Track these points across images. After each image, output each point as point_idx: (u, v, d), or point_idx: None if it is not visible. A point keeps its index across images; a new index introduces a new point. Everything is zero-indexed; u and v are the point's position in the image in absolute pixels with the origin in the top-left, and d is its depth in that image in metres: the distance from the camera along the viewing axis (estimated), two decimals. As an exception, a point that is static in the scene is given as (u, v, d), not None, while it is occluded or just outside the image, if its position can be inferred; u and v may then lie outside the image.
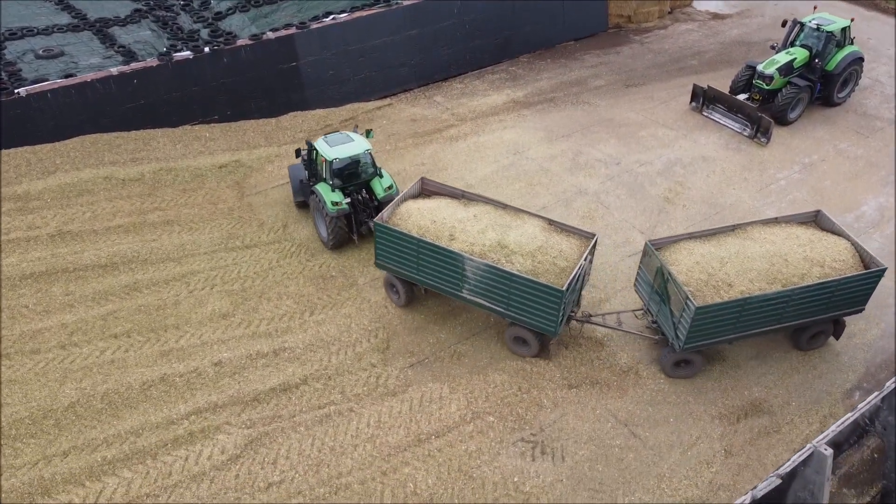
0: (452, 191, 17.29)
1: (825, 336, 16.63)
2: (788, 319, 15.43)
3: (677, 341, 15.07)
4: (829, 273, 15.23)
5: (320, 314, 17.33)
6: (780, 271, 15.14)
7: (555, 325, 15.06)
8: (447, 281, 15.94)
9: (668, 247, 15.92)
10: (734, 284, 14.87)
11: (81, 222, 19.45)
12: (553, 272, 15.10)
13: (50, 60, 23.74)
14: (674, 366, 15.88)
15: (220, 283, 17.97)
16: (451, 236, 15.76)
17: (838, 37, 24.73)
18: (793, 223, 16.66)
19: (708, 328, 14.79)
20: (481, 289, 15.54)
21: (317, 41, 25.19)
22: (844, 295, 15.41)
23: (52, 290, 17.34)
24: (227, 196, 21.29)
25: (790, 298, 14.90)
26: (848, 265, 15.51)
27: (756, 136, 24.09)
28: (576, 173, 22.63)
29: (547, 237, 15.79)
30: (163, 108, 23.18)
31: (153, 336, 16.32)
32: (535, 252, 15.34)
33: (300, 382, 15.47)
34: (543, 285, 14.61)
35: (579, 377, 15.95)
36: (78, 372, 15.28)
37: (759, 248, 15.59)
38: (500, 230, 15.82)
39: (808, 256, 15.45)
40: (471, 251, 15.40)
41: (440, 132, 24.71)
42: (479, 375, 15.94)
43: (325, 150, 18.41)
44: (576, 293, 15.93)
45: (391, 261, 16.52)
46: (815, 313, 15.55)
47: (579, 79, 28.41)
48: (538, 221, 16.29)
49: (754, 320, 15.07)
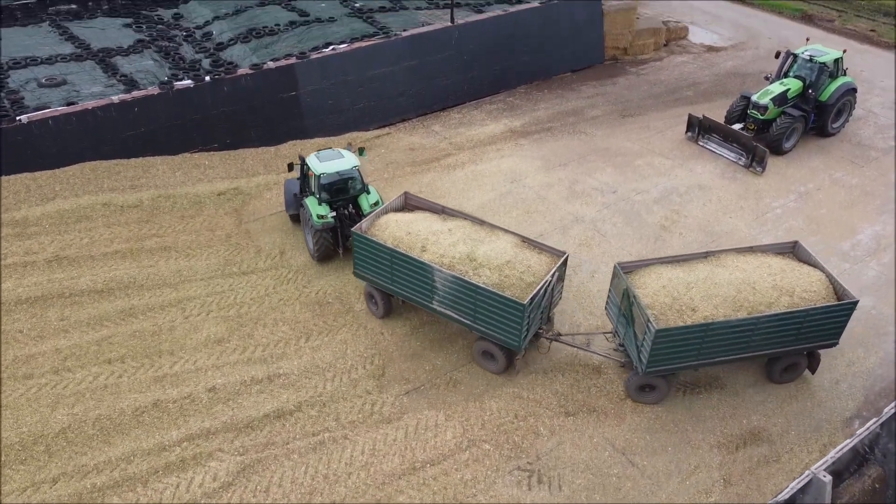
0: (433, 206, 17.74)
1: (799, 369, 16.30)
2: (756, 349, 15.21)
3: (640, 364, 15.00)
4: (798, 303, 15.00)
5: (316, 340, 17.24)
6: (747, 298, 14.97)
7: (518, 340, 15.13)
8: (419, 292, 16.20)
9: (638, 270, 15.94)
10: (698, 309, 14.74)
11: (79, 248, 19.47)
12: (519, 287, 15.21)
13: (52, 89, 24.00)
14: (638, 390, 15.75)
15: (216, 309, 17.92)
16: (423, 248, 16.05)
17: (831, 68, 25.06)
18: (769, 253, 16.49)
19: (671, 352, 14.66)
20: (450, 300, 15.77)
21: (317, 71, 25.50)
22: (815, 327, 15.11)
23: (47, 314, 17.29)
24: (225, 223, 21.34)
25: (756, 326, 14.70)
26: (819, 296, 15.21)
27: (752, 165, 24.26)
28: (572, 201, 22.72)
29: (517, 253, 15.95)
30: (163, 136, 23.38)
31: (147, 361, 16.22)
32: (503, 266, 15.50)
33: (294, 409, 15.33)
34: (506, 299, 14.75)
35: (576, 404, 15.82)
36: (70, 397, 15.15)
37: (728, 274, 15.46)
38: (471, 244, 16.09)
39: (777, 285, 15.26)
40: (440, 262, 15.67)
41: (438, 161, 24.88)
42: (475, 402, 15.81)
43: (315, 164, 18.89)
44: (543, 310, 15.91)
45: (368, 270, 16.91)
46: (784, 344, 15.30)
47: (576, 109, 28.70)
48: (511, 238, 16.51)
49: (720, 347, 14.91)
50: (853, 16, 38.45)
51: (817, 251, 20.50)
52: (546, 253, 16.32)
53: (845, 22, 37.58)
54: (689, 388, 16.36)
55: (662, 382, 15.56)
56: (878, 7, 39.44)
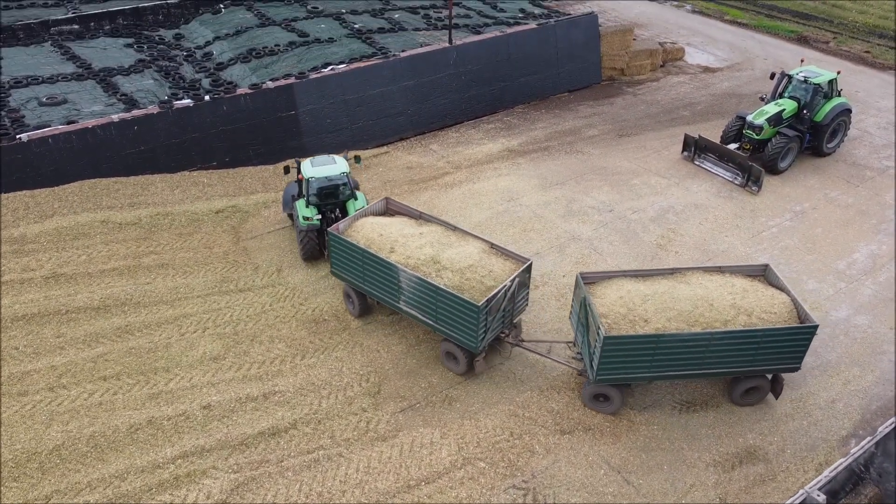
0: (412, 211, 18.31)
1: (761, 393, 16.15)
2: (712, 367, 15.18)
3: (591, 372, 15.12)
4: (756, 323, 14.95)
5: (312, 358, 17.24)
6: (703, 315, 15.00)
7: (475, 341, 15.51)
8: (387, 291, 16.78)
9: (601, 282, 16.14)
10: (651, 321, 14.84)
11: (76, 265, 19.52)
12: (479, 290, 15.55)
13: (53, 107, 24.23)
14: (592, 398, 15.88)
15: (213, 327, 17.94)
16: (392, 249, 16.63)
17: (825, 89, 25.29)
18: (737, 274, 16.45)
19: (621, 362, 14.73)
20: (415, 301, 16.28)
21: (315, 91, 25.74)
22: (773, 349, 15.00)
23: (43, 332, 17.30)
24: (222, 240, 21.42)
25: (709, 343, 14.69)
26: (780, 319, 15.14)
27: (747, 184, 24.40)
28: (569, 220, 22.82)
29: (482, 258, 16.32)
30: (162, 154, 23.55)
31: (143, 379, 16.21)
32: (466, 269, 15.89)
33: (289, 426, 15.29)
34: (463, 300, 15.15)
35: (572, 423, 15.78)
36: (65, 414, 15.12)
37: (688, 291, 15.53)
38: (438, 247, 16.55)
39: (735, 304, 15.24)
40: (406, 264, 16.17)
41: (436, 179, 25.02)
42: (470, 420, 15.78)
43: (306, 169, 19.80)
44: (505, 315, 16.14)
45: (343, 270, 17.60)
46: (741, 365, 15.23)
47: (573, 128, 28.91)
48: (480, 244, 16.90)
49: (673, 362, 14.91)
50: (848, 37, 38.85)
51: (813, 270, 20.66)
52: (511, 259, 16.67)
53: (840, 43, 37.97)
54: (685, 406, 16.34)
55: (616, 393, 15.59)
56: (872, 29, 39.87)
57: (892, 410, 16.31)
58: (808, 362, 17.56)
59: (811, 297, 19.65)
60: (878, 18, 41.52)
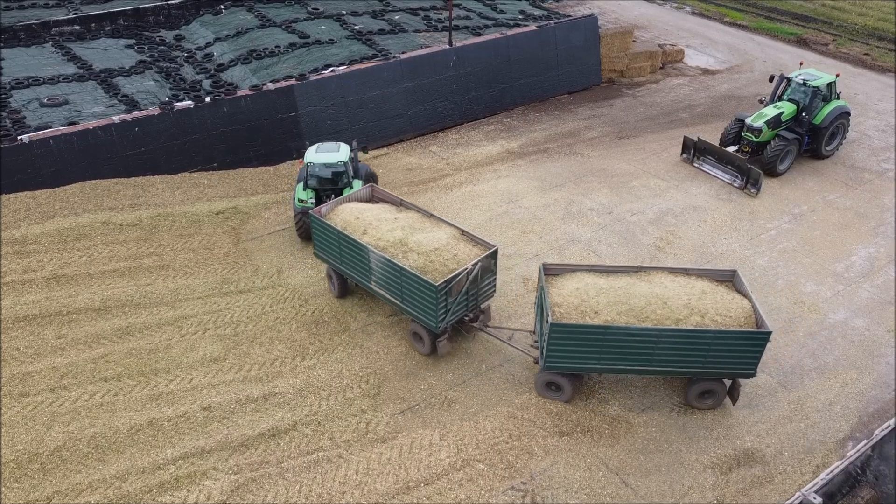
0: (393, 198, 19.03)
1: (717, 397, 16.09)
2: (662, 364, 15.30)
3: (542, 359, 15.44)
4: (709, 325, 14.98)
5: (312, 359, 17.31)
6: (655, 312, 15.13)
7: (434, 321, 16.11)
8: (360, 272, 17.54)
9: (564, 274, 16.46)
10: (601, 313, 15.11)
11: (77, 266, 19.59)
12: (441, 272, 16.11)
13: (54, 108, 24.29)
14: (545, 386, 16.23)
15: (213, 328, 18.01)
16: (365, 231, 17.32)
17: (824, 91, 25.36)
18: (704, 277, 16.47)
19: (569, 351, 15.04)
20: (383, 281, 16.99)
21: (316, 92, 25.81)
22: (724, 352, 14.98)
23: (44, 332, 17.37)
24: (223, 242, 21.49)
25: (658, 340, 14.82)
26: (735, 322, 15.11)
27: (746, 186, 24.48)
28: (568, 222, 22.90)
29: (449, 242, 16.84)
30: (163, 156, 23.61)
31: (143, 380, 16.28)
32: (431, 252, 16.45)
33: (289, 428, 15.36)
34: (422, 279, 15.75)
35: (570, 425, 15.85)
36: (66, 415, 15.19)
37: (645, 288, 15.67)
38: (409, 231, 17.15)
39: (690, 304, 15.32)
40: (375, 245, 16.86)
41: (435, 181, 25.09)
42: (469, 422, 15.85)
43: (309, 154, 20.84)
44: (465, 297, 16.57)
45: (323, 251, 18.48)
46: (693, 365, 15.29)
47: (573, 130, 28.99)
48: (451, 230, 17.44)
49: (622, 355, 15.12)
50: (847, 39, 38.93)
51: (811, 272, 20.74)
52: (480, 246, 17.16)
53: (840, 45, 38.05)
54: (683, 408, 16.41)
55: (566, 383, 15.91)
56: (872, 31, 39.96)
57: (889, 413, 16.38)
58: (806, 364, 17.69)
59: (809, 300, 19.74)
60: (877, 21, 41.61)
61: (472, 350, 17.62)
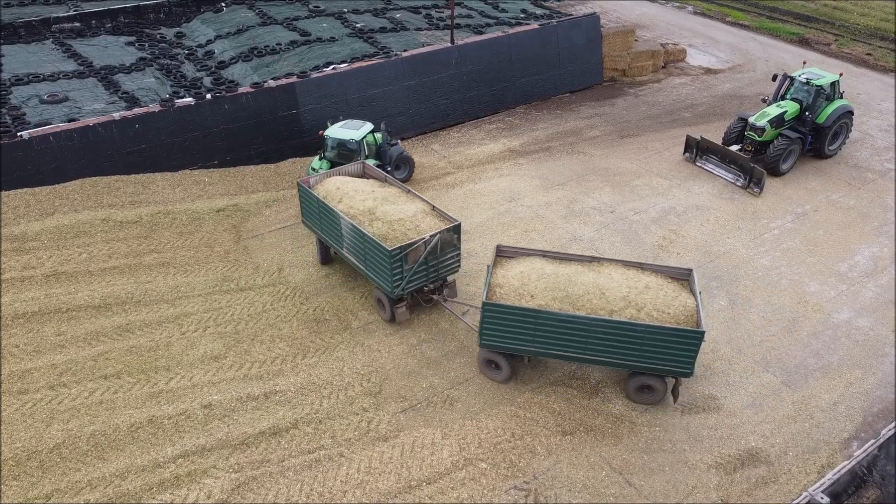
0: (380, 174, 20.02)
1: (656, 393, 15.95)
2: (595, 354, 15.36)
3: (479, 336, 15.94)
4: (644, 319, 14.97)
5: (313, 357, 17.20)
6: (591, 301, 15.27)
7: (389, 286, 16.91)
8: (334, 237, 18.52)
9: (517, 257, 16.87)
10: (536, 297, 15.44)
11: (77, 263, 19.48)
12: (401, 241, 16.89)
13: (54, 105, 24.19)
14: (485, 363, 16.68)
15: (213, 326, 17.90)
16: (340, 200, 18.29)
17: (827, 91, 25.27)
18: (659, 273, 16.39)
19: (503, 330, 15.48)
20: (351, 247, 17.89)
21: (317, 90, 25.71)
22: (659, 349, 14.89)
23: (44, 330, 17.25)
24: (223, 239, 21.38)
25: (590, 329, 14.91)
26: (672, 319, 14.99)
27: (749, 185, 24.38)
28: (571, 220, 22.80)
29: (416, 215, 17.62)
30: (163, 153, 23.50)
31: (143, 378, 16.16)
32: (395, 222, 17.30)
33: (290, 426, 15.25)
34: (376, 244, 16.64)
35: (573, 424, 15.74)
36: (65, 413, 15.07)
37: (589, 278, 15.80)
38: (380, 202, 17.98)
39: (628, 297, 15.32)
40: (346, 212, 17.80)
41: (437, 179, 24.99)
42: (471, 421, 15.74)
43: (330, 128, 22.18)
44: (425, 268, 17.22)
45: (308, 218, 19.57)
46: (627, 358, 15.27)
47: (575, 129, 28.89)
48: (422, 205, 18.20)
49: (556, 341, 15.36)
50: (850, 39, 38.86)
51: (815, 272, 20.65)
52: (444, 220, 17.85)
53: (842, 45, 37.98)
54: (687, 408, 16.31)
55: (504, 362, 16.32)
56: (874, 31, 39.88)
57: (893, 413, 16.29)
58: (810, 364, 17.59)
59: (813, 299, 19.65)
60: (879, 21, 41.55)
61: (474, 349, 17.50)
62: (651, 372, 15.59)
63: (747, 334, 18.42)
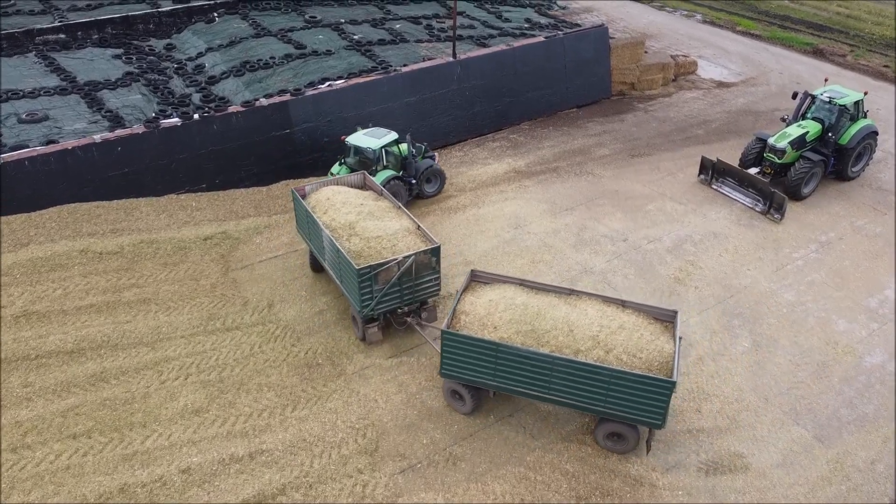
0: (377, 187, 19.52)
1: (627, 442, 14.75)
2: (559, 395, 14.31)
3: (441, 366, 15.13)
4: (612, 362, 13.83)
5: (304, 409, 15.81)
6: (557, 338, 14.27)
7: (359, 305, 16.38)
8: (318, 248, 18.14)
9: (491, 283, 16.05)
10: (499, 329, 14.54)
11: (50, 301, 18.09)
12: (375, 259, 16.36)
13: (33, 125, 22.84)
14: (450, 394, 15.78)
15: (196, 372, 16.51)
16: (325, 211, 17.90)
17: (851, 110, 23.88)
18: (641, 313, 15.12)
19: (463, 361, 14.63)
20: (330, 260, 17.51)
21: (311, 108, 24.33)
22: (626, 395, 13.68)
23: (9, 380, 15.84)
24: (210, 271, 20.00)
25: (553, 367, 13.89)
26: (643, 365, 13.80)
27: (769, 211, 22.97)
28: (581, 250, 21.41)
29: (397, 234, 17.04)
30: (148, 177, 22.10)
31: (117, 436, 14.74)
32: (373, 239, 16.77)
33: (277, 492, 13.84)
34: (347, 260, 16.09)
35: (588, 487, 14.35)
36: (27, 481, 13.62)
37: (561, 313, 14.81)
38: (364, 217, 17.51)
39: (597, 337, 14.20)
40: (328, 224, 17.39)
41: (438, 203, 23.62)
42: (476, 483, 14.36)
43: (353, 135, 21.97)
44: (399, 289, 16.59)
45: (300, 226, 19.35)
46: (593, 403, 14.09)
47: (583, 147, 27.51)
48: (407, 223, 17.67)
49: (517, 377, 14.39)
50: (866, 50, 37.48)
51: (843, 308, 19.31)
52: (427, 241, 17.13)
53: (858, 57, 36.58)
54: (711, 467, 14.92)
55: (467, 394, 15.40)
56: (890, 42, 38.49)
57: (937, 473, 14.92)
58: (844, 415, 16.20)
59: (843, 340, 18.26)
60: (894, 30, 40.13)
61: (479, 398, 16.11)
62: (618, 420, 14.34)
63: (774, 381, 17.04)
